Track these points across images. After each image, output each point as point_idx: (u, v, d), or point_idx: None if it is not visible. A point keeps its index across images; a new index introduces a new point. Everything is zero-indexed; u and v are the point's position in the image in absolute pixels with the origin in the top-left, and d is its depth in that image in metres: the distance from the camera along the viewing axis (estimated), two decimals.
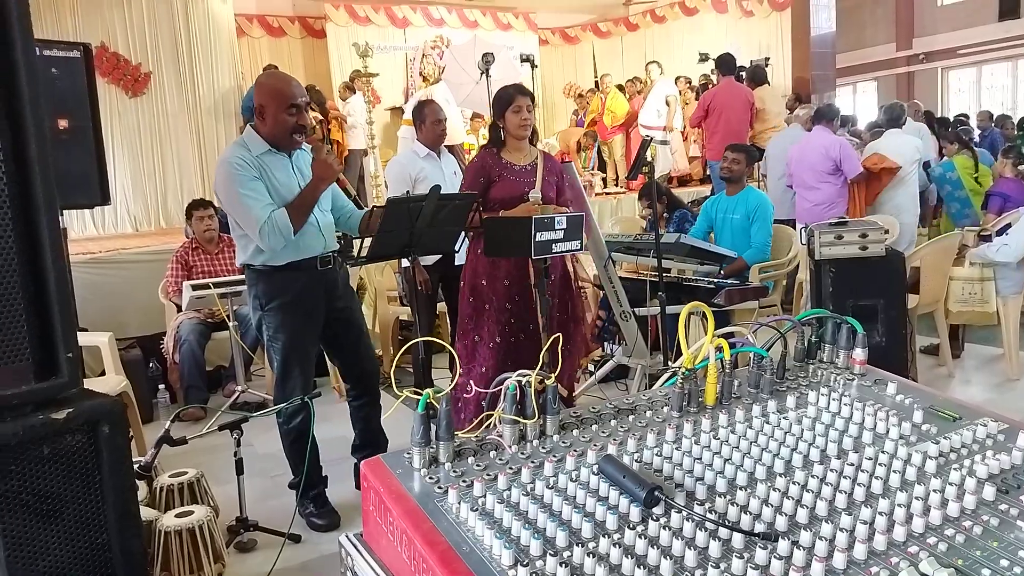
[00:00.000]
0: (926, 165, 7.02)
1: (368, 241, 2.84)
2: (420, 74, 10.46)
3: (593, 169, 9.64)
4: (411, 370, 4.29)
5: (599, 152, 10.15)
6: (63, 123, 3.77)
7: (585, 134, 9.93)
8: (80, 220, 7.54)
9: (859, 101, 18.29)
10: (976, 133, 9.15)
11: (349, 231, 3.08)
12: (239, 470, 2.81)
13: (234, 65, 9.02)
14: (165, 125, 8.49)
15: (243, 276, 4.56)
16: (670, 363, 3.47)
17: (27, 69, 1.36)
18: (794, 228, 4.94)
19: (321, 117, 8.20)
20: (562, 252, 3.06)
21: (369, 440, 3.18)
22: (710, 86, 8.84)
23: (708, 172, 8.06)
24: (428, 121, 4.16)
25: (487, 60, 6.99)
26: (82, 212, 7.29)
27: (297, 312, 2.83)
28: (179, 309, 4.56)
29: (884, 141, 5.62)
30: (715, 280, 4.00)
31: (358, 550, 1.07)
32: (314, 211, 2.78)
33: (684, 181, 9.59)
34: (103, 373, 3.85)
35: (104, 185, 3.80)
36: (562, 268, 3.44)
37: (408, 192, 3.89)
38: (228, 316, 4.33)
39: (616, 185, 9.64)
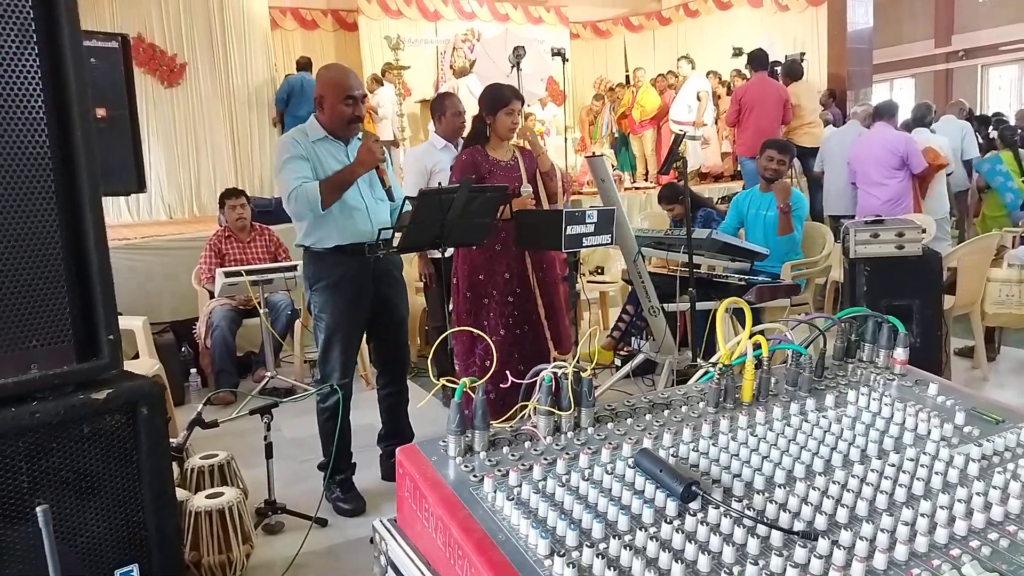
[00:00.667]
0: (967, 164, 6.90)
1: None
2: (450, 67, 10.47)
3: (612, 130, 9.57)
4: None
5: (628, 146, 10.09)
6: (101, 112, 3.83)
7: (594, 98, 9.91)
8: (115, 207, 7.68)
9: (896, 98, 17.94)
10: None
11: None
12: (268, 454, 2.85)
13: (268, 57, 9.12)
14: (200, 115, 8.60)
15: (273, 264, 4.65)
16: (700, 360, 3.45)
17: (74, 61, 1.38)
18: (883, 221, 4.82)
19: None
20: (592, 246, 3.07)
21: (394, 431, 3.21)
22: (741, 82, 8.74)
23: (739, 168, 7.97)
24: (448, 113, 4.19)
25: (518, 53, 6.96)
26: (117, 199, 7.42)
27: (341, 294, 2.91)
28: (211, 296, 4.62)
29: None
30: (746, 277, 3.96)
31: (392, 535, 1.07)
32: (365, 197, 2.88)
33: (716, 177, 9.49)
34: (136, 356, 3.92)
35: (140, 173, 3.85)
36: (550, 262, 3.50)
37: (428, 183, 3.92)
38: (259, 303, 4.38)
39: (646, 180, 9.57)
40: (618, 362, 4.42)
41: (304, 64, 8.75)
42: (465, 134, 4.11)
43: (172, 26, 8.43)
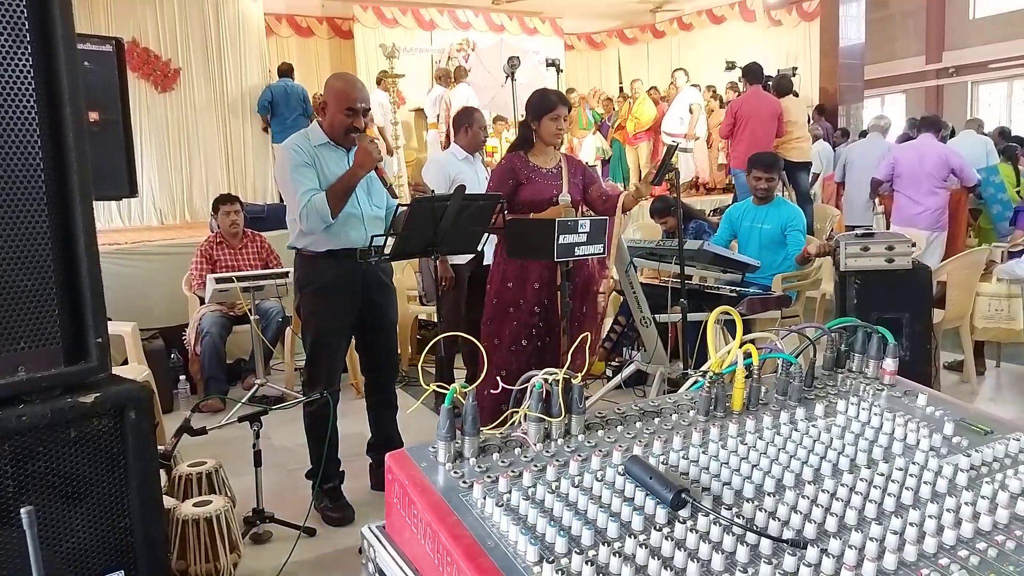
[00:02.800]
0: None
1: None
2: (435, 76, 10.44)
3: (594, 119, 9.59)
4: (432, 369, 4.31)
5: (623, 157, 10.13)
6: (94, 116, 3.82)
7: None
8: (106, 211, 7.66)
9: (886, 113, 18.11)
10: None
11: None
12: (257, 462, 2.83)
13: (262, 63, 9.13)
14: (193, 120, 8.60)
15: (265, 271, 4.64)
16: (691, 370, 3.45)
17: (68, 64, 1.38)
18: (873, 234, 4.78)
19: None
20: (584, 256, 3.06)
21: (383, 439, 3.19)
22: (734, 95, 8.80)
23: (732, 180, 8.01)
24: (475, 127, 4.27)
25: (513, 64, 7.01)
26: (109, 203, 7.39)
27: (330, 299, 2.92)
28: (202, 301, 4.60)
29: None
30: (737, 288, 3.97)
31: (381, 542, 1.07)
32: (360, 204, 2.88)
33: (709, 189, 9.54)
34: (126, 362, 3.90)
35: (132, 178, 3.84)
36: (587, 271, 3.43)
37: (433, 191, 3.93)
38: (250, 310, 4.36)
39: None
40: (609, 373, 4.42)
41: (285, 70, 8.74)
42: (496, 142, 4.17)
43: (167, 31, 8.44)
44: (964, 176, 5.52)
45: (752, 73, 7.37)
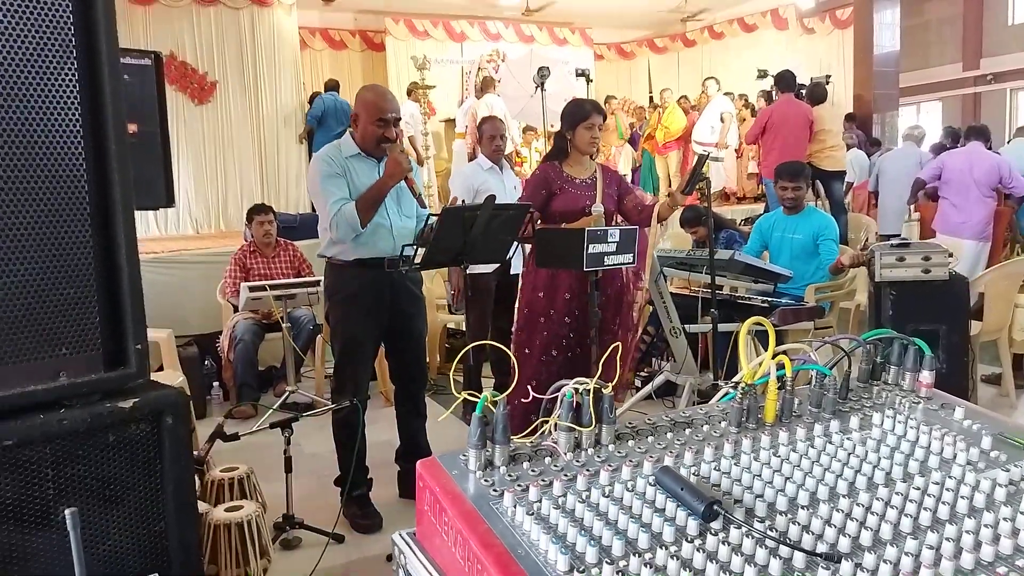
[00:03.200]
0: None
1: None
2: (475, 86, 10.54)
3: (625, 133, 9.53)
4: (460, 378, 4.32)
5: (652, 166, 10.08)
6: (133, 128, 3.92)
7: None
8: (143, 221, 7.81)
9: (923, 121, 17.81)
10: None
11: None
12: (287, 468, 2.86)
13: (296, 76, 9.27)
14: (228, 132, 8.76)
15: (297, 279, 4.71)
16: (721, 381, 3.42)
17: (111, 78, 1.41)
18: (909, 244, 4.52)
19: None
20: (614, 265, 3.05)
21: (411, 447, 3.21)
22: (765, 104, 8.72)
23: (763, 190, 7.93)
24: (484, 137, 4.31)
25: (543, 74, 7.04)
26: (145, 213, 7.54)
27: (358, 308, 2.95)
28: (235, 309, 4.67)
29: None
30: (769, 299, 3.93)
31: (411, 549, 1.07)
32: (389, 214, 2.92)
33: (740, 198, 9.46)
34: (161, 368, 3.97)
35: (170, 188, 3.92)
36: (620, 282, 3.42)
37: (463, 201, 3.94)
38: (282, 318, 4.42)
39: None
40: (638, 383, 4.39)
41: (333, 86, 8.92)
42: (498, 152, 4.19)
43: (204, 45, 8.61)
44: (1016, 185, 5.43)
45: (784, 81, 7.30)
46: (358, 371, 3.00)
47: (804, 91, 7.72)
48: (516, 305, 3.43)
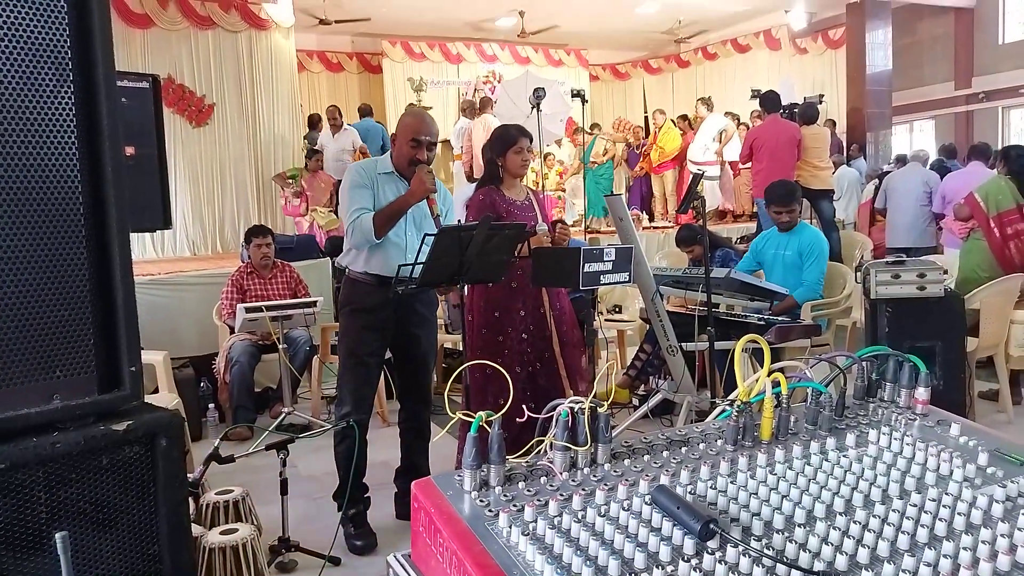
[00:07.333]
0: None
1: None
2: (460, 108, 10.53)
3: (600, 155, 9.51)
4: (458, 398, 4.31)
5: (649, 185, 10.13)
6: (130, 150, 3.93)
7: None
8: (140, 243, 7.83)
9: (916, 140, 17.93)
10: None
11: None
12: (283, 490, 2.84)
13: (293, 99, 9.34)
14: (226, 154, 8.80)
15: (293, 300, 4.70)
16: (719, 399, 3.41)
17: (108, 101, 1.42)
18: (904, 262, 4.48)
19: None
20: (610, 283, 3.07)
21: (411, 467, 3.20)
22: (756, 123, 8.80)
23: (756, 209, 7.97)
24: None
25: (538, 95, 7.09)
26: (142, 235, 7.56)
27: (363, 321, 2.99)
28: (232, 331, 4.66)
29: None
30: (765, 317, 3.93)
31: (406, 570, 1.06)
32: (405, 235, 2.98)
33: (736, 216, 9.50)
34: (156, 391, 3.95)
35: (167, 211, 3.94)
36: (564, 299, 3.53)
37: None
38: (278, 339, 4.41)
39: (665, 219, 9.60)
40: (635, 402, 4.38)
41: (366, 111, 9.01)
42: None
43: (202, 68, 8.67)
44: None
45: (769, 101, 7.39)
46: (358, 384, 3.00)
47: (796, 111, 7.80)
48: (468, 325, 3.42)
